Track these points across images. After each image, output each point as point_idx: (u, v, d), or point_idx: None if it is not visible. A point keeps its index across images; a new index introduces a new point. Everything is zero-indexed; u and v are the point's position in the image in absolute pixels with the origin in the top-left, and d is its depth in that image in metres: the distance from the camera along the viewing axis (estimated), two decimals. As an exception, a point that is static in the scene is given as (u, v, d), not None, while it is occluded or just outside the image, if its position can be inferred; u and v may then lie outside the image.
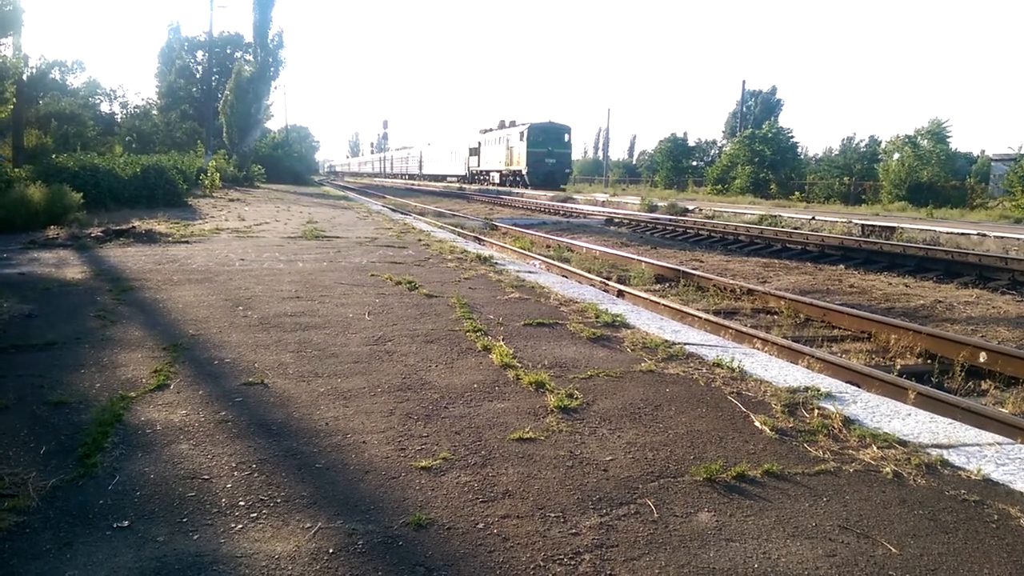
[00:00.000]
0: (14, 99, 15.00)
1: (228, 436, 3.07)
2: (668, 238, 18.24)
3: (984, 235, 13.53)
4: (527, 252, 12.63)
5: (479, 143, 56.22)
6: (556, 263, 11.30)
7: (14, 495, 2.48)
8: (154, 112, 54.47)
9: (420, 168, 78.24)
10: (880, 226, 15.91)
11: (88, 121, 37.07)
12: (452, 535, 2.32)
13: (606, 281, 9.69)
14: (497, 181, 50.75)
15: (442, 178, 66.90)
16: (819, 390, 3.82)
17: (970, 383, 5.80)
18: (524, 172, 45.75)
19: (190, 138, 46.65)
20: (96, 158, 18.58)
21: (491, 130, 54.66)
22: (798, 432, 3.25)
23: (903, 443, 3.14)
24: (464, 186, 52.35)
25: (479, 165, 55.91)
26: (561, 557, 2.21)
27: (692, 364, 4.34)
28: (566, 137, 46.65)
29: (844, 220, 16.84)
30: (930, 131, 31.79)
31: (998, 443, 3.21)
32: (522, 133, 46.04)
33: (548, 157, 45.07)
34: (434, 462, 2.86)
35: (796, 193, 35.52)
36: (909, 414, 3.57)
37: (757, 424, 3.33)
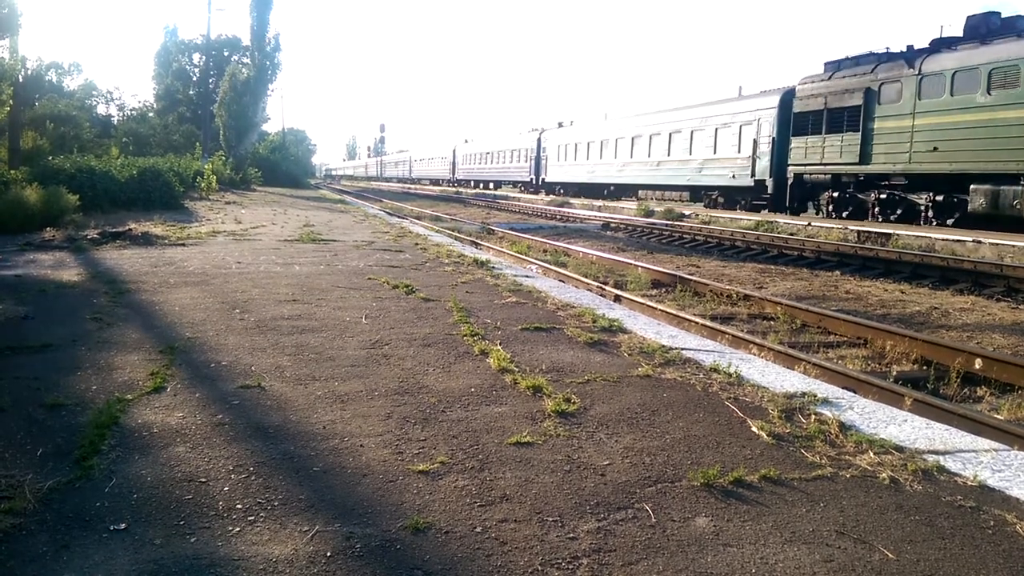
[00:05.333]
0: (11, 101, 14.96)
1: (225, 439, 3.07)
2: (665, 243, 18.26)
3: (979, 242, 13.57)
4: (524, 256, 12.64)
5: (842, 95, 19.34)
6: (553, 267, 11.31)
7: (11, 497, 2.47)
8: (151, 114, 54.45)
9: (536, 171, 42.59)
10: (875, 232, 15.95)
11: (84, 123, 36.95)
12: (450, 539, 2.32)
13: (603, 286, 9.70)
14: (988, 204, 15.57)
15: (621, 190, 34.05)
16: (816, 396, 3.83)
17: (966, 389, 5.82)
18: None
19: (187, 141, 46.56)
20: (92, 160, 18.55)
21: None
22: (795, 437, 3.26)
23: (900, 449, 3.15)
24: (688, 212, 23.32)
25: (822, 157, 20.11)
26: (559, 561, 2.21)
27: (689, 369, 4.34)
28: None
29: (840, 226, 16.89)
30: None
31: (994, 449, 3.22)
32: None
33: None
34: (432, 466, 2.86)
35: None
36: (905, 420, 3.58)
37: (754, 429, 3.34)
